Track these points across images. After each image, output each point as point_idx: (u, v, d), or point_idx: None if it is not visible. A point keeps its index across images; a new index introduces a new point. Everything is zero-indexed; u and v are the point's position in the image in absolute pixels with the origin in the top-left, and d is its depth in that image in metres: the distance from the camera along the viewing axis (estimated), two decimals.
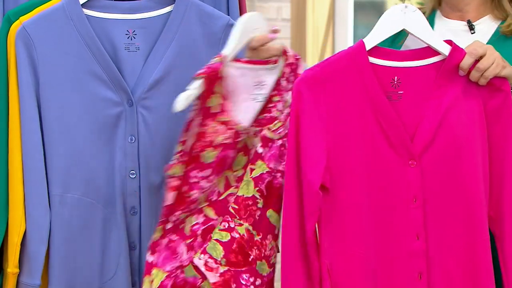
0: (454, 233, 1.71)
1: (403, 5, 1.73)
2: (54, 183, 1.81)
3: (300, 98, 1.70)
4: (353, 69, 1.71)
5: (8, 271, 1.80)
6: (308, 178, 1.69)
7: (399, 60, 1.73)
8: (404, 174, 1.70)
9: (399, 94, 1.73)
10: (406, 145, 1.71)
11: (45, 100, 1.81)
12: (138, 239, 1.84)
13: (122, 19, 1.85)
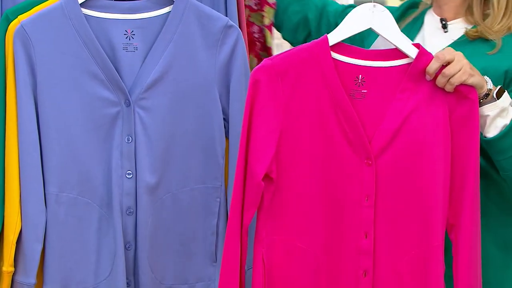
0: (405, 235, 1.70)
1: (371, 4, 1.72)
2: (50, 182, 1.81)
3: (256, 87, 1.68)
4: (314, 62, 1.69)
5: (3, 269, 1.80)
6: (251, 168, 1.67)
7: (365, 59, 1.71)
8: (359, 173, 1.69)
9: (362, 92, 1.71)
10: (363, 144, 1.69)
11: (43, 99, 1.81)
12: (134, 239, 1.84)
13: (120, 19, 1.84)
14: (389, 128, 1.69)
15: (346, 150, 1.70)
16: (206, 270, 1.88)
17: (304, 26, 2.09)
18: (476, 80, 1.69)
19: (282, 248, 1.71)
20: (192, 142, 1.86)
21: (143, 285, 1.83)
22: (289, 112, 1.69)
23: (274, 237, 1.71)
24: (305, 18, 2.09)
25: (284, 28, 2.12)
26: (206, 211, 1.87)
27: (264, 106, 1.68)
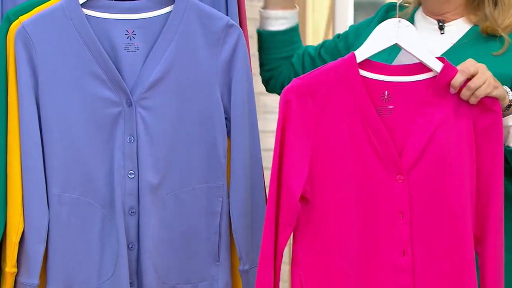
0: (439, 250, 1.71)
1: (396, 19, 1.73)
2: (52, 183, 1.81)
3: (287, 107, 1.69)
4: (343, 81, 1.71)
5: (6, 270, 1.80)
6: (287, 189, 1.68)
7: (391, 74, 1.73)
8: (391, 189, 1.70)
9: (389, 108, 1.72)
10: (394, 160, 1.70)
11: (44, 100, 1.80)
12: (137, 239, 1.84)
13: (121, 19, 1.84)
14: (417, 143, 1.70)
15: (377, 167, 1.71)
16: (209, 270, 1.88)
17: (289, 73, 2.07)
18: (499, 92, 1.70)
19: (320, 269, 1.71)
20: (194, 142, 1.86)
21: (146, 285, 1.83)
22: (320, 130, 1.70)
23: (311, 259, 1.71)
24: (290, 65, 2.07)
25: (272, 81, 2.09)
26: (208, 211, 1.87)
27: (296, 126, 1.69)
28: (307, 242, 1.71)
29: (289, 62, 2.06)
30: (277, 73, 2.06)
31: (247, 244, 1.88)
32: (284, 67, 2.06)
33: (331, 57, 2.01)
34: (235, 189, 1.87)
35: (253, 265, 1.89)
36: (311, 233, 1.71)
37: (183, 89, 1.86)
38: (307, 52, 2.06)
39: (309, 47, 2.09)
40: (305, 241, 1.71)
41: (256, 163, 1.90)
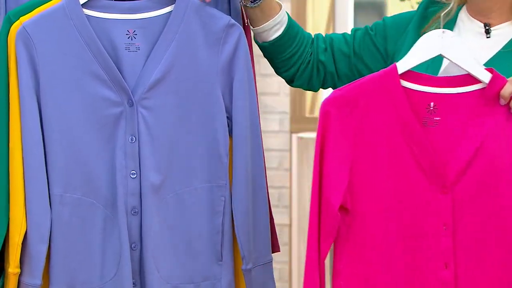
0: (486, 263, 1.69)
1: (440, 30, 1.71)
2: (54, 183, 1.81)
3: (327, 118, 1.68)
4: (384, 92, 1.69)
5: (9, 271, 1.80)
6: (327, 199, 1.68)
7: (436, 86, 1.71)
8: (434, 201, 1.69)
9: (435, 120, 1.71)
10: (438, 172, 1.69)
11: (45, 100, 1.81)
12: (139, 239, 1.84)
13: (122, 19, 1.84)
14: (464, 154, 1.69)
15: (420, 179, 1.70)
16: (211, 269, 1.88)
17: (318, 70, 2.03)
18: None
19: (361, 280, 1.70)
20: (195, 141, 1.86)
21: (149, 285, 1.83)
22: (360, 142, 1.70)
23: (352, 269, 1.71)
24: (318, 62, 2.02)
25: (297, 79, 2.04)
26: (211, 210, 1.87)
27: (335, 137, 1.68)
28: (347, 253, 1.71)
29: (304, 57, 2.00)
30: (299, 73, 2.02)
31: (250, 244, 1.88)
32: (299, 63, 2.00)
33: (370, 54, 1.98)
34: (237, 188, 1.87)
35: (255, 264, 1.89)
36: (352, 243, 1.71)
37: (184, 88, 1.86)
38: (336, 47, 2.00)
39: (334, 38, 2.01)
40: (345, 252, 1.71)
41: (258, 163, 1.90)
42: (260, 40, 1.99)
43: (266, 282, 1.91)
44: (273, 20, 1.94)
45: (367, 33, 2.01)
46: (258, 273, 1.90)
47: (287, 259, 3.88)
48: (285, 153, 3.87)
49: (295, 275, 3.85)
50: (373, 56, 1.99)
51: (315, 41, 2.01)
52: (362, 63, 1.99)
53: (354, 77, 2.00)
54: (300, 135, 3.75)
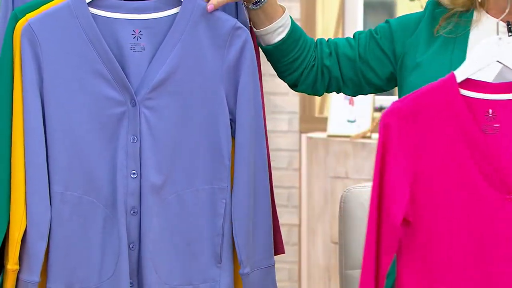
0: None
1: (497, 36, 1.70)
2: (55, 181, 1.81)
3: (387, 130, 1.68)
4: (444, 101, 1.68)
5: (8, 267, 1.80)
6: (388, 211, 1.66)
7: (494, 92, 1.70)
8: (502, 210, 1.67)
9: (495, 127, 1.70)
10: (504, 179, 1.67)
11: (49, 98, 1.81)
12: (138, 239, 1.84)
13: (128, 19, 1.84)
14: None
15: (485, 188, 1.68)
16: (210, 271, 1.87)
17: (322, 75, 2.01)
18: None
19: None
20: (198, 143, 1.86)
21: (147, 285, 1.83)
22: (421, 153, 1.69)
23: (417, 284, 1.69)
24: (322, 67, 2.00)
25: (301, 83, 2.02)
26: (211, 212, 1.87)
27: (396, 149, 1.67)
28: (412, 266, 1.69)
29: (308, 61, 1.99)
30: (303, 77, 2.00)
31: (248, 248, 1.87)
32: (303, 67, 1.99)
33: (376, 58, 1.97)
34: (238, 191, 1.86)
35: (253, 269, 1.88)
36: (415, 256, 1.69)
37: (188, 90, 1.85)
38: (341, 52, 1.99)
39: (338, 43, 2.00)
40: (410, 265, 1.69)
41: (261, 166, 1.89)
42: (263, 43, 1.99)
43: (266, 286, 1.90)
44: (276, 23, 1.93)
45: (372, 36, 1.99)
46: (257, 277, 1.89)
47: (297, 259, 3.88)
48: (295, 153, 3.86)
49: (304, 275, 3.84)
50: (379, 59, 1.98)
51: (319, 45, 2.00)
52: (368, 67, 1.98)
53: (359, 81, 1.99)
54: (310, 135, 3.74)
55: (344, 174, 3.58)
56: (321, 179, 3.64)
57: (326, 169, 3.62)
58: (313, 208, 3.69)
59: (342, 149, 3.57)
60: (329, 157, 3.62)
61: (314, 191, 3.68)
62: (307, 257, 3.75)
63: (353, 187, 2.25)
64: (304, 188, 3.82)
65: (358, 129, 3.61)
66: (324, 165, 3.62)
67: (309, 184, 3.71)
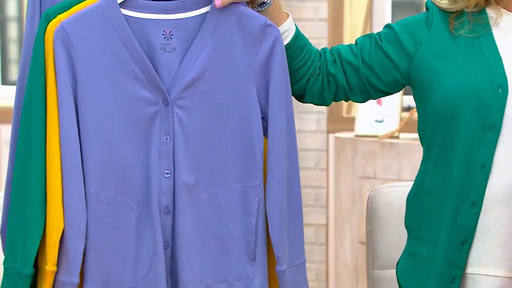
0: None
1: None
2: (90, 182, 1.82)
3: None
4: None
5: (46, 269, 1.81)
6: None
7: None
8: None
9: None
10: None
11: (82, 99, 1.82)
12: (171, 238, 1.85)
13: (159, 19, 1.85)
14: None
15: None
16: (245, 269, 1.88)
17: (329, 83, 1.99)
18: None
19: None
20: (230, 141, 1.86)
21: (182, 284, 1.84)
22: None
23: None
24: (328, 75, 1.99)
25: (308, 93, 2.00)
26: (244, 211, 1.87)
27: None
28: None
29: (313, 69, 1.98)
30: (309, 86, 1.99)
31: (284, 245, 1.87)
32: (308, 75, 1.98)
33: (380, 64, 1.96)
34: (272, 189, 1.87)
35: (290, 265, 1.89)
36: None
37: (219, 89, 1.86)
38: (344, 59, 1.98)
39: (341, 50, 1.99)
40: None
41: (293, 163, 1.89)
42: None
43: (300, 283, 1.91)
44: (280, 27, 1.93)
45: (376, 43, 1.97)
46: (292, 274, 1.90)
47: (324, 259, 3.88)
48: (322, 153, 3.86)
49: (332, 275, 3.84)
50: (383, 66, 1.96)
51: (323, 54, 1.99)
52: (372, 73, 1.97)
53: (365, 88, 1.98)
54: (337, 135, 3.74)
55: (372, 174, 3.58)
56: (349, 179, 3.64)
57: (353, 169, 3.62)
58: (341, 208, 3.69)
59: (370, 149, 3.57)
60: (356, 157, 3.62)
61: (341, 191, 3.68)
62: (335, 257, 3.75)
63: (381, 187, 2.25)
64: (331, 188, 3.82)
65: (386, 129, 3.61)
66: (352, 165, 3.62)
67: (336, 184, 3.71)
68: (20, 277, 1.81)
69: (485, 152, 1.85)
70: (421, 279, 1.92)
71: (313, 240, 3.83)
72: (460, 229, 1.87)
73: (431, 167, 1.93)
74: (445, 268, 1.88)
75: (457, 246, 1.87)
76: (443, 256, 1.88)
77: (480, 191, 1.86)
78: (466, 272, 1.88)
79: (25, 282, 1.82)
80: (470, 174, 1.86)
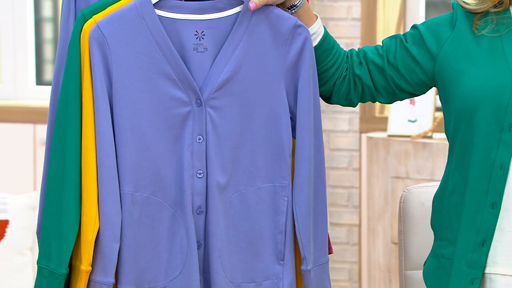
0: None
1: None
2: (125, 182, 1.83)
3: None
4: None
5: (82, 268, 1.82)
6: None
7: None
8: None
9: None
10: None
11: (117, 99, 1.83)
12: (203, 238, 1.86)
13: (191, 20, 1.86)
14: None
15: None
16: (273, 269, 1.88)
17: (355, 85, 1.99)
18: None
19: None
20: (259, 141, 1.87)
21: (214, 284, 1.85)
22: None
23: None
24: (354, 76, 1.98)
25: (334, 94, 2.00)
26: (274, 210, 1.88)
27: None
28: None
29: (340, 71, 1.98)
30: (336, 88, 1.99)
31: (310, 244, 1.88)
32: (336, 77, 1.98)
33: (405, 65, 1.95)
34: (300, 189, 1.87)
35: (315, 264, 1.89)
36: None
37: (251, 89, 1.87)
38: (370, 60, 1.98)
39: (367, 51, 1.99)
40: None
41: (320, 163, 1.90)
42: None
43: (324, 281, 1.92)
44: (313, 27, 1.93)
45: (402, 44, 1.97)
46: (316, 273, 1.90)
47: (357, 259, 3.87)
48: (355, 153, 3.85)
49: (365, 276, 3.83)
50: (408, 67, 1.95)
51: (349, 56, 1.99)
52: (398, 74, 1.96)
53: (391, 89, 1.97)
54: (370, 135, 3.73)
55: (404, 174, 3.56)
56: (381, 179, 3.62)
57: (386, 169, 3.60)
58: (373, 208, 3.68)
59: (403, 149, 3.56)
60: (389, 157, 3.60)
61: (374, 191, 3.67)
62: (368, 258, 3.74)
63: (413, 187, 2.25)
64: (364, 188, 3.81)
65: (419, 129, 3.59)
66: (385, 165, 3.61)
67: (369, 184, 3.70)
68: (54, 276, 1.83)
69: (503, 153, 1.85)
70: (443, 280, 1.92)
71: (345, 240, 3.82)
72: (480, 230, 1.86)
73: (453, 167, 1.93)
74: (463, 269, 1.87)
75: (477, 247, 1.86)
76: (462, 256, 1.88)
77: (499, 192, 1.85)
78: (485, 272, 1.87)
79: (60, 281, 1.83)
80: (489, 174, 1.85)
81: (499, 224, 1.85)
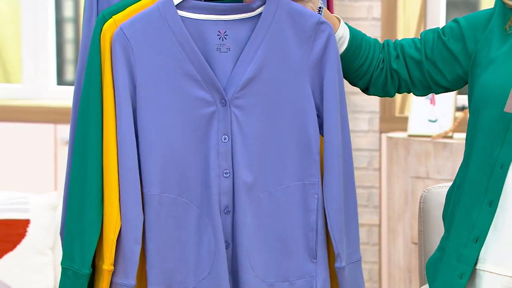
0: None
1: None
2: (152, 184, 1.82)
3: None
4: None
5: (104, 268, 1.82)
6: None
7: None
8: None
9: None
10: None
11: (142, 101, 1.83)
12: (231, 237, 1.86)
13: (213, 20, 1.86)
14: None
15: None
16: (306, 267, 1.88)
17: (392, 78, 1.99)
18: None
19: None
20: (286, 139, 1.87)
21: (244, 283, 1.84)
22: None
23: None
24: (391, 70, 1.99)
25: (372, 86, 2.01)
26: (304, 208, 1.88)
27: None
28: None
29: (376, 63, 1.98)
30: (373, 80, 1.99)
31: (343, 241, 1.88)
32: (372, 70, 1.98)
33: (443, 60, 1.95)
34: (330, 186, 1.87)
35: (348, 262, 1.89)
36: None
37: (275, 87, 1.87)
38: (407, 54, 1.97)
39: (404, 45, 1.99)
40: None
41: (348, 160, 1.90)
42: None
43: (357, 279, 1.91)
44: (339, 32, 1.93)
45: (439, 37, 1.96)
46: (350, 271, 1.90)
47: (377, 259, 3.86)
48: (375, 153, 3.84)
49: (385, 276, 3.83)
50: (446, 61, 1.95)
51: (386, 47, 1.99)
52: (435, 68, 1.96)
53: (427, 82, 1.97)
54: (390, 134, 3.72)
55: (425, 174, 3.55)
56: (402, 179, 3.62)
57: (406, 169, 3.59)
58: (394, 208, 3.67)
59: (423, 149, 3.55)
60: (409, 157, 3.60)
61: (394, 191, 3.66)
62: (388, 258, 3.73)
63: (433, 187, 2.24)
64: (384, 188, 3.80)
65: (440, 129, 3.58)
66: (405, 165, 3.60)
67: (389, 184, 3.69)
68: (78, 276, 1.83)
69: (506, 153, 1.84)
70: (438, 272, 1.92)
71: (365, 240, 3.82)
72: (475, 226, 1.86)
73: (463, 163, 1.94)
74: (453, 263, 1.88)
75: (470, 242, 1.86)
76: (454, 250, 1.88)
77: (498, 191, 1.85)
78: (475, 268, 1.87)
79: (83, 281, 1.83)
80: (489, 172, 1.85)
81: (494, 222, 1.85)
